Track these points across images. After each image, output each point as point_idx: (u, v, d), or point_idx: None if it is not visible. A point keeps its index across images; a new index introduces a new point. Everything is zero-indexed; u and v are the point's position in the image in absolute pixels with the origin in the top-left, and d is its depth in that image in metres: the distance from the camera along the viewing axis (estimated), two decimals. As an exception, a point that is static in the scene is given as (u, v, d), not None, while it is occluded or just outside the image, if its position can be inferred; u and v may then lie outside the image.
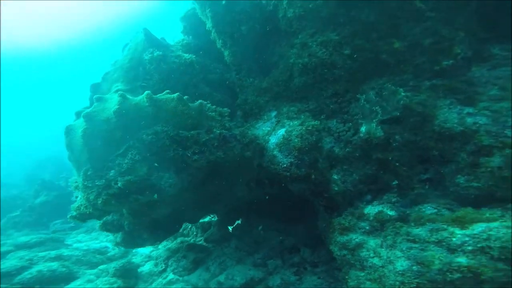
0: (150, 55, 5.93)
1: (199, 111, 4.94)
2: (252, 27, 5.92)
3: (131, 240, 6.36)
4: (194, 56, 6.34)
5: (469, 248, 2.86)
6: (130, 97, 5.00)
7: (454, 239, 2.98)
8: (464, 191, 3.91)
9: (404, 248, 3.28)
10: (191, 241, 9.52)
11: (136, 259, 9.05)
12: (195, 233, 10.07)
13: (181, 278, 6.97)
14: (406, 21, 5.02)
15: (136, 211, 5.53)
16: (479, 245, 2.87)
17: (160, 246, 9.87)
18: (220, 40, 6.30)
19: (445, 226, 3.22)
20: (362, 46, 5.15)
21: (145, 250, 9.83)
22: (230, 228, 8.96)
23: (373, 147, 4.78)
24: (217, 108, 5.39)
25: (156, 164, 4.62)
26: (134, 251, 9.93)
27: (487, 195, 3.74)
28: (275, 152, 5.02)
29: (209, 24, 6.29)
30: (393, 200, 4.43)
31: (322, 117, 5.51)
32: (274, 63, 6.24)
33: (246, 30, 5.90)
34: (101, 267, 8.62)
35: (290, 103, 5.81)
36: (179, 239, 9.61)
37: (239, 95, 6.34)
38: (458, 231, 3.05)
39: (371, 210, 4.23)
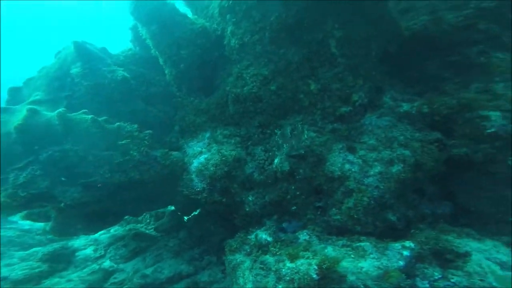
0: (77, 69, 6.00)
1: (116, 133, 5.34)
2: (192, 51, 6.25)
3: (62, 230, 6.29)
4: (128, 73, 6.46)
5: (287, 278, 3.93)
6: (44, 112, 5.17)
7: (283, 270, 4.03)
8: (332, 222, 5.07)
9: (255, 273, 4.32)
10: (142, 228, 9.55)
11: (78, 243, 8.76)
12: (148, 220, 10.11)
13: (115, 266, 7.20)
14: (322, 65, 5.74)
15: (59, 208, 5.67)
16: (289, 278, 3.96)
17: (112, 230, 10.28)
18: (161, 59, 6.51)
19: (284, 258, 4.25)
20: (286, 84, 5.83)
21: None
22: (186, 218, 9.06)
23: (281, 177, 5.70)
24: (137, 131, 5.73)
25: (63, 179, 5.00)
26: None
27: (343, 227, 4.97)
28: (193, 176, 5.74)
29: (149, 42, 6.42)
30: (283, 225, 5.51)
31: (249, 143, 6.25)
32: (217, 85, 6.70)
33: (186, 54, 6.23)
34: (33, 249, 8.07)
35: (224, 126, 6.44)
36: (129, 226, 9.94)
37: (178, 112, 6.77)
38: (288, 263, 4.10)
39: (256, 234, 5.21)
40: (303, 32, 5.57)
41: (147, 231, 9.36)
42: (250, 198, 5.83)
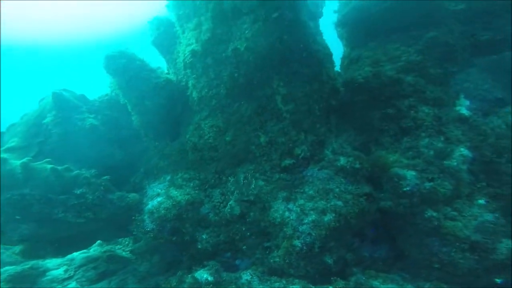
0: (50, 118, 6.57)
1: (73, 181, 5.93)
2: (157, 102, 6.86)
3: (32, 252, 6.60)
4: (101, 118, 7.07)
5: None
6: (11, 161, 5.76)
7: None
8: (273, 264, 5.67)
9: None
10: (119, 250, 9.74)
11: (54, 262, 8.71)
12: (127, 242, 10.26)
13: None
14: (270, 118, 6.32)
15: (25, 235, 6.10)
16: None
17: (91, 249, 10.74)
18: (129, 106, 7.14)
19: None
20: (239, 136, 6.42)
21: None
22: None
23: (233, 219, 6.28)
24: (95, 176, 6.28)
25: (17, 217, 5.62)
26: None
27: (281, 269, 5.59)
28: (145, 217, 6.32)
29: (118, 91, 7.05)
30: (237, 262, 6.08)
31: (206, 186, 6.84)
32: (182, 131, 7.30)
33: (150, 104, 6.83)
34: (4, 268, 7.95)
35: (185, 170, 7.02)
36: (107, 247, 10.47)
37: (144, 155, 7.38)
38: None
39: (193, 274, 5.74)
40: (254, 89, 6.17)
41: (123, 253, 9.77)
42: (204, 236, 6.39)
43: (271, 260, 5.66)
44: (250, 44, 5.23)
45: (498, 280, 4.76)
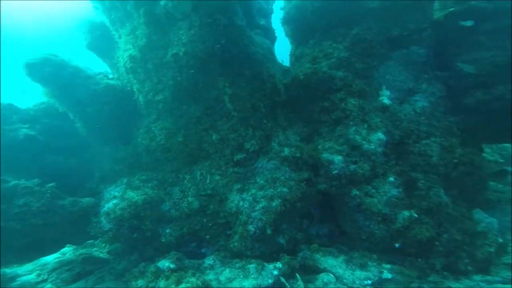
0: None
1: (12, 191, 5.95)
2: (100, 108, 6.82)
3: None
4: (40, 127, 6.84)
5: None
6: None
7: None
8: (232, 248, 6.42)
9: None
10: (95, 252, 9.58)
11: (25, 268, 8.41)
12: (104, 245, 10.03)
13: None
14: (220, 118, 6.82)
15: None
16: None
17: (67, 254, 10.70)
18: (70, 114, 6.98)
19: (172, 282, 5.50)
20: (191, 136, 6.83)
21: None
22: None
23: (194, 212, 6.94)
24: (38, 185, 6.25)
25: None
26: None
27: (240, 252, 6.38)
28: (102, 218, 6.62)
29: (56, 101, 6.92)
30: (203, 250, 6.84)
31: (166, 185, 7.31)
32: (133, 134, 7.44)
33: (92, 111, 6.79)
34: None
35: (142, 171, 7.32)
36: (82, 250, 10.52)
37: (96, 160, 7.54)
38: (173, 286, 5.38)
39: (156, 264, 6.31)
40: (200, 91, 6.48)
41: (100, 255, 9.98)
42: (167, 231, 6.90)
43: (231, 245, 6.48)
44: (188, 49, 5.46)
45: (396, 245, 6.02)
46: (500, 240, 6.49)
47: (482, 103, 6.85)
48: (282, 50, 10.45)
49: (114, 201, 6.64)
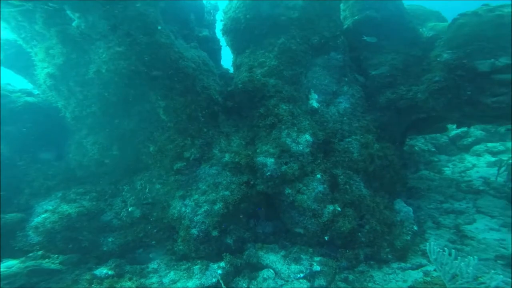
0: None
1: None
2: (20, 127, 6.57)
3: None
4: None
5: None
6: None
7: None
8: (178, 252, 6.63)
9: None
10: (46, 264, 9.74)
11: None
12: (56, 256, 10.38)
13: None
14: (156, 129, 6.97)
15: None
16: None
17: (13, 267, 9.86)
18: None
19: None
20: (127, 148, 6.86)
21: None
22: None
23: (136, 220, 6.98)
24: None
25: None
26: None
27: (185, 254, 6.60)
28: (29, 232, 6.39)
29: None
30: (150, 255, 6.90)
31: (106, 197, 7.26)
32: (65, 150, 7.28)
33: (14, 130, 6.49)
34: None
35: (79, 184, 7.21)
36: (31, 262, 9.79)
37: (25, 177, 7.07)
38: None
39: (97, 271, 6.30)
40: (131, 105, 6.54)
41: (52, 266, 9.49)
42: (109, 239, 6.85)
43: (175, 249, 6.67)
44: (110, 66, 5.52)
45: (326, 238, 6.69)
46: (415, 228, 7.48)
47: (391, 102, 7.92)
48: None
49: (44, 215, 6.41)
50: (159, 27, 5.91)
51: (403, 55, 7.85)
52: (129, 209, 6.98)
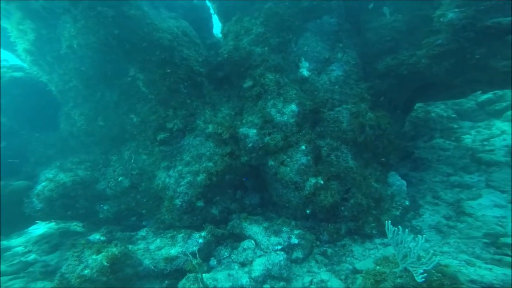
0: None
1: None
2: (11, 100, 6.93)
3: None
4: None
5: (91, 265, 5.59)
6: None
7: (89, 260, 5.61)
8: (164, 220, 6.88)
9: (70, 263, 5.84)
10: (73, 227, 10.41)
11: (14, 242, 9.27)
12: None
13: (39, 258, 8.04)
14: (138, 101, 6.99)
15: None
16: (91, 264, 5.57)
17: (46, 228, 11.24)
18: None
19: (93, 252, 5.75)
20: (112, 119, 7.00)
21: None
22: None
23: (126, 190, 7.29)
24: None
25: None
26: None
27: (171, 223, 6.86)
28: (33, 199, 6.84)
29: None
30: (143, 223, 7.30)
31: (100, 166, 7.60)
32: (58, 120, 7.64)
33: (4, 102, 6.84)
34: None
35: (75, 154, 7.54)
36: (62, 225, 10.97)
37: (28, 146, 7.50)
38: (93, 256, 5.64)
39: (91, 237, 6.77)
40: (111, 78, 6.59)
41: (78, 229, 10.52)
42: (105, 207, 7.29)
43: (162, 218, 6.98)
44: (80, 41, 5.50)
45: (308, 211, 6.48)
46: (407, 203, 7.07)
47: (391, 68, 7.17)
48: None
49: (44, 183, 6.91)
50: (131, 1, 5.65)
51: (407, 15, 6.88)
52: (119, 179, 7.29)
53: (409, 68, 6.88)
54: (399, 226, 4.08)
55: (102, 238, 6.57)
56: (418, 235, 3.98)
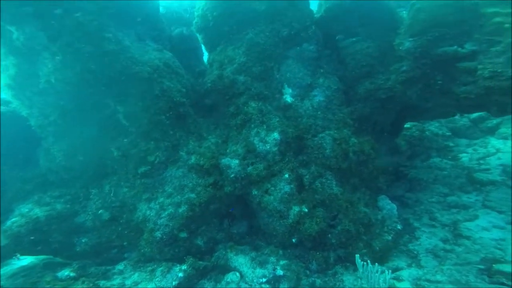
0: None
1: None
2: None
3: None
4: None
5: None
6: None
7: None
8: (144, 253, 6.64)
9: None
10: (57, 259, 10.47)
11: None
12: None
13: None
14: (119, 135, 6.94)
15: None
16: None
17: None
18: None
19: None
20: (91, 154, 6.93)
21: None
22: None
23: (106, 223, 7.03)
24: None
25: None
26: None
27: (151, 256, 6.61)
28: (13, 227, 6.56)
29: None
30: (125, 255, 7.07)
31: (80, 199, 7.38)
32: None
33: None
34: None
35: (55, 188, 7.31)
36: (44, 257, 10.64)
37: (7, 182, 7.31)
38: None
39: (59, 273, 6.36)
40: (91, 111, 6.59)
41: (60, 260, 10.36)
42: (83, 240, 7.01)
43: (142, 250, 6.67)
44: (58, 76, 5.58)
45: (293, 240, 6.30)
46: (399, 226, 6.81)
47: (370, 92, 7.21)
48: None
49: (14, 219, 6.72)
50: (108, 34, 5.87)
51: (378, 42, 7.06)
52: (99, 212, 7.16)
53: (386, 92, 6.94)
54: (368, 260, 3.85)
55: (71, 274, 6.26)
56: (385, 270, 3.75)
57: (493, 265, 5.41)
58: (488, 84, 5.19)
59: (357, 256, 4.08)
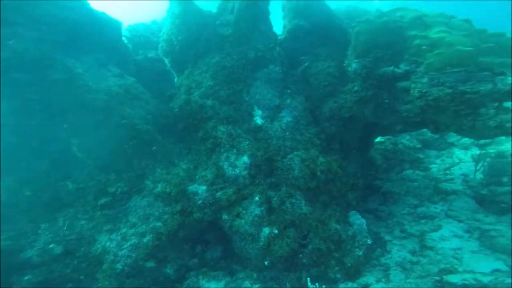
0: None
1: None
2: None
3: None
4: None
5: None
6: None
7: None
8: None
9: None
10: None
11: None
12: None
13: None
14: (74, 168, 6.50)
15: None
16: None
17: None
18: None
19: None
20: (43, 188, 6.38)
21: None
22: None
23: (58, 257, 6.32)
24: None
25: None
26: None
27: None
28: None
29: None
30: None
31: (28, 234, 6.40)
32: None
33: None
34: None
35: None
36: None
37: None
38: None
39: None
40: (40, 145, 6.21)
41: None
42: (26, 278, 6.22)
43: (99, 285, 6.12)
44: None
45: (266, 262, 6.12)
46: (369, 241, 6.91)
47: (334, 111, 7.45)
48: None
49: None
50: (53, 62, 5.61)
51: (337, 61, 7.40)
52: (49, 246, 6.59)
53: (348, 111, 7.20)
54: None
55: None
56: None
57: (443, 276, 5.61)
58: (420, 104, 5.53)
59: (308, 279, 4.07)
